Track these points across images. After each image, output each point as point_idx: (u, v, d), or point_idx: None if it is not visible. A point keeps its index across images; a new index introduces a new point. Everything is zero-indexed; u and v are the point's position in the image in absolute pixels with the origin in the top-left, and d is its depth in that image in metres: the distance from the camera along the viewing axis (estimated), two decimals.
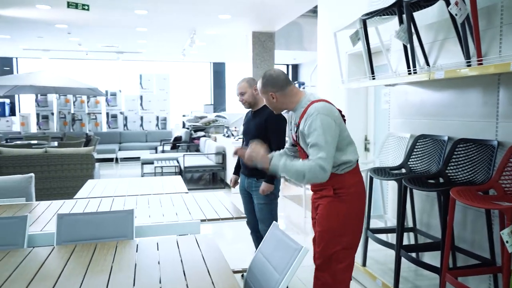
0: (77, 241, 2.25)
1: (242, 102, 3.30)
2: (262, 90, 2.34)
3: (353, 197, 2.28)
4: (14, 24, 7.76)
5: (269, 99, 2.33)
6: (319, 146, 2.12)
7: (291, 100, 2.32)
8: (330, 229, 2.27)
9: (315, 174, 2.11)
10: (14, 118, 12.35)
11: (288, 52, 12.12)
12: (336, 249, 2.26)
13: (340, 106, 4.90)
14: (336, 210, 2.26)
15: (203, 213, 2.72)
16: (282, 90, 2.30)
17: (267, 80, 2.32)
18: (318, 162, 2.11)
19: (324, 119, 2.14)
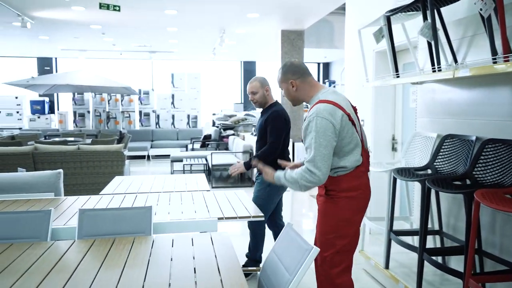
0: (97, 236, 2.32)
1: (252, 101, 3.36)
2: (282, 78, 2.34)
3: (345, 201, 2.25)
4: (52, 26, 8.08)
5: (288, 88, 2.33)
6: (310, 149, 2.15)
7: (308, 92, 2.32)
8: (322, 230, 2.31)
9: (306, 179, 2.15)
10: (53, 116, 12.88)
11: (318, 51, 12.00)
12: (329, 252, 2.26)
13: (366, 105, 4.82)
14: (329, 211, 2.29)
15: (221, 211, 2.74)
16: (302, 77, 2.31)
17: (288, 67, 2.34)
18: (306, 166, 2.15)
19: (320, 122, 2.13)
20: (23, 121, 12.51)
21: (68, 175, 5.90)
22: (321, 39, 10.73)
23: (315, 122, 2.14)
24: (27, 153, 5.72)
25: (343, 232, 2.26)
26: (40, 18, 7.42)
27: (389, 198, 3.24)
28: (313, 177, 2.13)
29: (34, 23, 7.58)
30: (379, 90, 4.56)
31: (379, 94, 4.58)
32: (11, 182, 3.27)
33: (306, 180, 2.15)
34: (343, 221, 2.25)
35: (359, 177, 2.28)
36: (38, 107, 12.58)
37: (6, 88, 11.05)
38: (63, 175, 5.89)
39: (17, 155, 5.70)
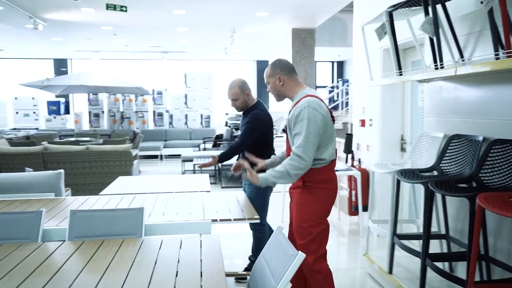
0: (87, 237, 2.29)
1: (234, 106, 3.35)
2: (271, 73, 2.51)
3: (321, 192, 2.42)
4: (64, 27, 8.18)
5: (276, 83, 2.50)
6: (300, 135, 2.29)
7: (293, 88, 2.49)
8: (299, 220, 2.43)
9: (294, 165, 2.28)
10: (69, 116, 13.07)
11: (331, 49, 11.84)
12: (306, 240, 2.41)
13: (374, 104, 4.71)
14: (304, 201, 2.43)
15: (217, 213, 2.69)
16: (289, 74, 2.51)
17: (277, 64, 2.53)
18: (294, 152, 2.30)
19: (311, 112, 2.30)
20: (39, 122, 12.73)
21: (78, 174, 5.95)
22: (334, 38, 10.59)
23: (307, 111, 2.30)
24: (37, 153, 5.79)
25: (319, 221, 2.42)
26: (52, 20, 7.51)
27: (393, 201, 3.13)
28: (302, 163, 2.28)
29: (47, 25, 7.68)
30: (387, 89, 4.44)
31: (387, 93, 4.46)
32: (13, 182, 3.29)
33: (296, 168, 2.29)
34: (319, 211, 2.42)
35: (333, 170, 2.48)
36: (54, 107, 12.78)
37: (24, 90, 11.24)
38: (72, 175, 5.97)
39: (28, 155, 5.77)
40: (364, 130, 4.97)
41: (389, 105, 4.48)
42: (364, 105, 4.95)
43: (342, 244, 4.66)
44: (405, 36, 3.59)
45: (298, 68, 8.52)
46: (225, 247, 4.18)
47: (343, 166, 4.87)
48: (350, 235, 4.87)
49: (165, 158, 11.90)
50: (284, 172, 2.30)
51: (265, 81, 2.59)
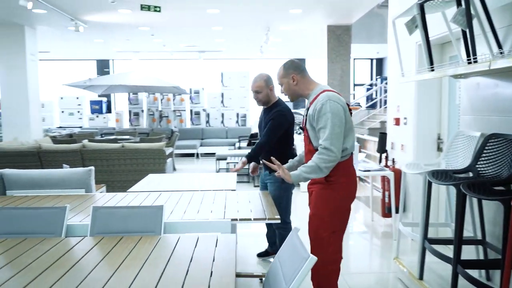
0: (108, 233, 2.33)
1: (256, 99, 3.34)
2: (284, 73, 2.56)
3: (343, 186, 2.45)
4: (103, 29, 8.46)
5: (289, 83, 2.55)
6: (325, 129, 2.33)
7: (308, 86, 2.55)
8: (320, 214, 2.46)
9: (324, 158, 2.31)
10: (110, 115, 13.54)
11: (370, 46, 11.55)
12: (325, 233, 2.44)
13: (409, 101, 4.51)
14: (326, 197, 2.44)
15: (238, 212, 2.66)
16: (302, 73, 2.56)
17: (290, 64, 2.59)
18: (323, 145, 2.32)
19: (333, 105, 2.35)
20: (83, 120, 13.27)
21: (113, 172, 6.13)
22: (372, 34, 10.29)
23: (329, 105, 2.35)
24: (76, 151, 6.01)
25: (339, 214, 2.47)
26: (92, 22, 7.78)
27: (424, 203, 2.97)
28: (331, 155, 2.31)
29: (87, 26, 7.96)
30: (423, 86, 4.24)
31: (423, 90, 4.26)
32: (46, 178, 3.42)
33: (325, 161, 2.32)
34: (341, 205, 2.47)
35: (352, 164, 2.52)
36: (97, 106, 13.27)
37: (69, 90, 11.76)
38: (109, 172, 6.16)
39: (67, 152, 6.01)
40: (398, 129, 4.78)
41: (424, 103, 4.28)
42: (398, 103, 4.76)
43: (374, 246, 4.50)
44: (441, 30, 3.41)
45: (333, 66, 8.36)
46: (245, 247, 4.16)
47: (376, 166, 4.71)
48: (383, 238, 4.70)
49: (201, 157, 12.05)
50: (315, 166, 2.34)
51: (278, 83, 2.64)
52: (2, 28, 7.89)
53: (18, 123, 8.10)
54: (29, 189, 3.42)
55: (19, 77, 8.04)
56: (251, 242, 4.36)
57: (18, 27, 7.90)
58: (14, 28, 7.89)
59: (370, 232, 4.95)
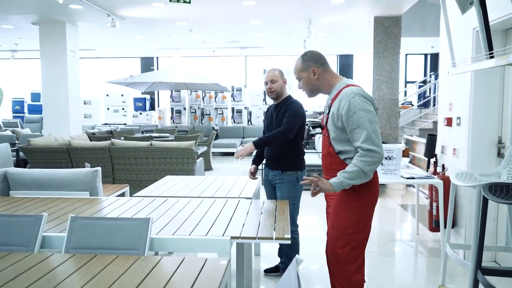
0: (85, 249, 2.00)
1: (269, 90, 3.15)
2: (303, 66, 2.27)
3: (366, 194, 2.19)
4: (141, 24, 8.34)
5: (309, 76, 2.27)
6: (360, 128, 2.07)
7: (329, 81, 2.27)
8: (340, 226, 2.21)
9: (368, 161, 2.05)
10: (153, 113, 13.58)
11: (423, 40, 10.64)
12: (346, 248, 2.19)
13: (463, 97, 3.86)
14: (348, 206, 2.20)
15: (243, 227, 2.24)
16: (324, 66, 2.27)
17: (309, 55, 2.29)
18: (364, 147, 2.05)
19: (362, 100, 2.09)
20: (127, 117, 13.42)
21: (141, 171, 5.93)
22: (426, 26, 9.43)
23: (358, 101, 2.10)
24: (104, 148, 5.87)
25: (362, 226, 2.21)
26: (129, 17, 7.67)
27: (477, 224, 2.39)
28: (374, 156, 2.06)
29: (125, 22, 7.87)
30: (481, 79, 3.58)
31: (481, 84, 3.60)
32: (47, 179, 3.19)
33: (370, 163, 2.06)
34: (363, 215, 2.21)
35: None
36: (140, 104, 13.37)
37: (114, 87, 11.91)
38: (137, 170, 5.96)
39: (96, 149, 5.88)
40: (450, 130, 4.13)
41: (482, 100, 3.62)
42: (451, 101, 4.11)
43: (419, 266, 3.90)
44: (506, 11, 2.78)
45: (381, 61, 7.68)
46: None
47: (422, 173, 4.10)
48: (430, 256, 4.08)
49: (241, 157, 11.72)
50: (358, 171, 2.07)
51: (296, 77, 2.34)
52: (44, 25, 8.00)
53: (58, 119, 8.18)
54: (33, 190, 3.21)
55: (60, 73, 8.11)
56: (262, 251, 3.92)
57: (60, 23, 7.96)
58: (56, 25, 7.96)
59: (415, 247, 4.34)
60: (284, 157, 3.13)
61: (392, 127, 7.74)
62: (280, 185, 3.11)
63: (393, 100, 7.75)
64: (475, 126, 3.66)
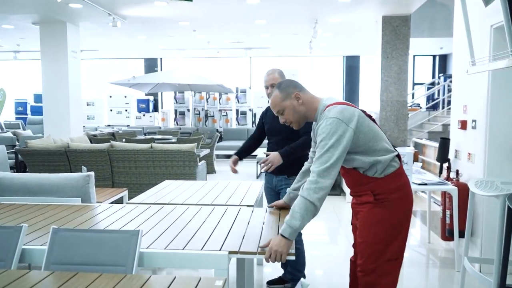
0: (67, 265, 1.80)
1: (270, 94, 2.91)
2: (283, 95, 2.08)
3: (396, 202, 2.05)
4: (143, 24, 8.17)
5: (293, 104, 2.08)
6: (319, 153, 1.94)
7: (312, 105, 2.09)
8: (372, 240, 2.06)
9: (316, 193, 1.89)
10: (157, 114, 13.43)
11: (432, 40, 10.41)
12: (379, 262, 2.05)
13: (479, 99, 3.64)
14: (377, 218, 2.06)
15: (242, 240, 2.04)
16: (303, 90, 2.12)
17: (286, 83, 2.14)
18: (312, 179, 1.91)
19: (332, 125, 1.93)
20: (130, 119, 13.27)
21: (142, 174, 5.74)
22: (435, 26, 9.19)
23: (329, 123, 1.94)
24: (103, 151, 5.69)
25: (395, 238, 2.06)
26: (130, 17, 7.51)
27: (500, 237, 2.17)
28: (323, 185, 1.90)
29: (127, 22, 7.71)
30: (499, 79, 3.35)
31: (500, 84, 3.37)
32: (37, 184, 3.01)
33: (319, 193, 1.89)
34: (396, 226, 2.06)
35: (403, 173, 2.11)
36: (144, 105, 13.22)
37: (117, 88, 11.76)
38: (137, 174, 5.78)
39: (94, 152, 5.70)
40: (465, 134, 3.91)
41: (500, 101, 3.39)
42: (466, 102, 3.89)
43: (431, 278, 3.69)
44: None
45: (389, 62, 7.46)
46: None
47: (435, 179, 3.87)
48: (443, 267, 3.86)
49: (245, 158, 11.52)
50: (309, 207, 1.90)
51: (277, 111, 2.12)
52: (45, 25, 7.85)
53: (58, 120, 8.03)
54: (22, 196, 3.02)
55: (60, 74, 7.96)
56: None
57: (60, 23, 7.82)
58: (56, 24, 7.81)
59: (426, 257, 4.12)
60: (290, 161, 2.92)
61: (400, 130, 7.50)
62: (286, 191, 2.90)
63: (402, 102, 7.52)
64: (493, 130, 3.43)
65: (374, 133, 2.05)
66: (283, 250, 1.86)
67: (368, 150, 2.02)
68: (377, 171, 2.04)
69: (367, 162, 2.03)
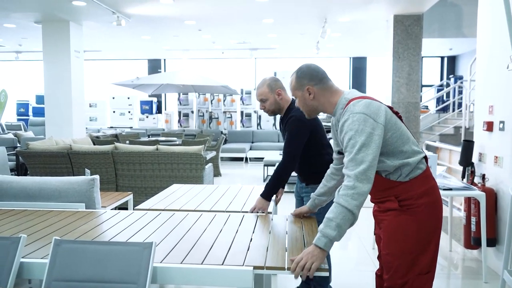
0: (71, 281, 1.59)
1: (263, 109, 2.73)
2: (296, 85, 1.98)
3: (425, 208, 1.85)
4: (149, 23, 7.98)
5: (304, 96, 1.98)
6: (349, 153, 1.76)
7: (329, 99, 1.95)
8: (399, 251, 1.86)
9: (355, 199, 1.70)
10: (160, 116, 13.23)
11: (442, 41, 10.19)
12: (409, 276, 1.84)
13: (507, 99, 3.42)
14: (404, 226, 1.85)
15: (266, 253, 1.82)
16: (321, 83, 1.95)
17: (303, 71, 1.98)
18: (349, 184, 1.72)
19: (359, 120, 1.76)
20: (133, 121, 13.07)
21: (147, 177, 5.54)
22: (446, 26, 8.98)
23: (356, 118, 1.77)
24: (107, 153, 5.49)
25: (425, 249, 1.85)
26: (135, 16, 7.32)
27: None
28: (362, 189, 1.71)
29: (131, 21, 7.52)
30: None
31: None
32: (39, 188, 2.80)
33: (358, 199, 1.71)
34: (426, 234, 1.85)
35: (431, 176, 1.91)
36: (147, 107, 13.02)
37: (120, 89, 11.57)
38: (142, 177, 5.57)
39: (98, 154, 5.50)
40: (491, 136, 3.69)
41: None
42: (492, 103, 3.67)
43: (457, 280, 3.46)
44: None
45: (400, 62, 7.24)
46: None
47: (459, 183, 3.65)
48: (466, 277, 3.63)
49: (250, 161, 11.32)
50: (347, 214, 1.71)
51: (291, 95, 2.09)
52: (47, 24, 7.67)
53: (60, 121, 7.83)
54: (22, 201, 2.81)
55: (63, 74, 7.77)
56: None
57: (63, 22, 7.63)
58: (59, 23, 7.63)
59: (447, 267, 3.89)
60: (305, 170, 2.76)
61: (412, 132, 7.22)
62: (307, 198, 2.70)
63: (414, 104, 7.32)
64: None
65: (401, 132, 1.86)
66: (315, 260, 1.65)
67: (394, 151, 1.84)
68: (401, 174, 1.85)
69: (392, 166, 1.84)
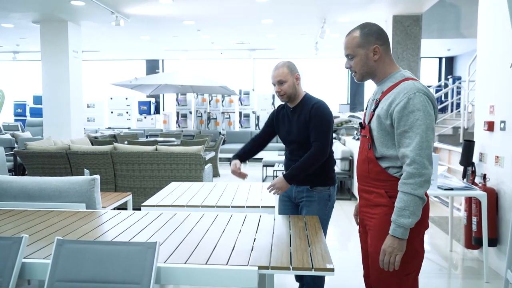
0: (74, 282, 1.57)
1: (279, 93, 2.54)
2: (362, 41, 1.76)
3: None
4: (148, 23, 7.96)
5: (367, 55, 1.77)
6: (414, 133, 1.63)
7: (388, 67, 1.79)
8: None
9: (422, 186, 1.63)
10: (158, 117, 13.19)
11: (440, 42, 10.22)
12: (395, 279, 1.75)
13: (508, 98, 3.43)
14: None
15: (271, 253, 1.81)
16: (387, 46, 1.78)
17: (371, 29, 1.78)
18: (415, 172, 1.63)
19: (425, 100, 1.66)
20: (131, 121, 13.03)
21: (146, 177, 5.51)
22: (444, 27, 9.00)
23: (420, 100, 1.65)
24: (106, 153, 5.46)
25: (414, 246, 1.74)
26: (134, 16, 7.30)
27: None
28: (426, 173, 1.63)
29: (130, 21, 7.50)
30: None
31: None
32: (39, 188, 2.77)
33: (422, 184, 1.64)
34: (416, 233, 1.74)
35: None
36: (145, 107, 12.99)
37: (118, 90, 11.54)
38: (141, 177, 5.55)
39: (97, 154, 5.47)
40: (492, 136, 3.69)
41: None
42: (492, 102, 3.67)
43: None
44: None
45: (399, 63, 7.25)
46: None
47: (460, 183, 3.65)
48: (466, 278, 3.63)
49: (249, 162, 11.29)
50: (411, 200, 1.64)
51: (348, 53, 1.81)
52: (45, 24, 7.64)
53: (58, 121, 7.80)
54: (22, 201, 2.79)
55: (61, 75, 7.74)
56: None
57: (62, 22, 7.60)
58: (57, 23, 7.60)
59: (448, 267, 3.88)
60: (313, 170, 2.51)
61: None
62: (308, 204, 2.53)
63: None
64: None
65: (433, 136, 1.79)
66: (397, 253, 1.66)
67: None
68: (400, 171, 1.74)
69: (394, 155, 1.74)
